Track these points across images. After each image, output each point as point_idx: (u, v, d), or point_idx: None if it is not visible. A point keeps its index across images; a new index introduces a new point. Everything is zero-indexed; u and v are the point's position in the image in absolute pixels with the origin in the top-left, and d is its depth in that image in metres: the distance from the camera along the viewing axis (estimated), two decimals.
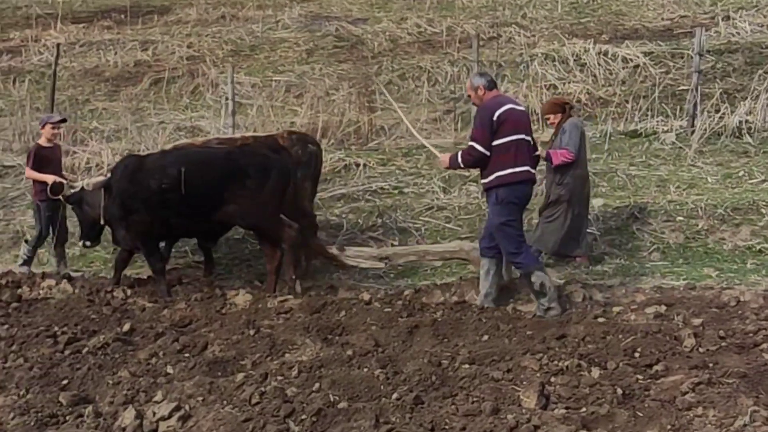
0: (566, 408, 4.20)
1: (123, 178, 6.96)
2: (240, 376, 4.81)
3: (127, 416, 4.35)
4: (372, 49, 13.74)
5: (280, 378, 4.83)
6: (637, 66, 11.77)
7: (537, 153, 6.35)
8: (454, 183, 9.22)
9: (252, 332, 5.66)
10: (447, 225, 8.34)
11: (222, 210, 6.78)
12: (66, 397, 4.61)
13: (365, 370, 4.86)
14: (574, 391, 4.37)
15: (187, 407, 4.41)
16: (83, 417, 4.43)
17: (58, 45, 13.47)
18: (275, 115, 11.12)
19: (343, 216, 8.67)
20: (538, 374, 4.65)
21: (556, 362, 4.80)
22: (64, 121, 8.52)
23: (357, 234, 8.30)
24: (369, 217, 8.59)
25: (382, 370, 4.79)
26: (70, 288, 6.99)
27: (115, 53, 15.93)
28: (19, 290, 6.96)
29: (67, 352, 5.41)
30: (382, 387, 4.58)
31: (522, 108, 6.27)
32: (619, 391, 4.31)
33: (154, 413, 4.37)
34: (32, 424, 4.35)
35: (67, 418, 4.45)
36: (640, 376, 4.54)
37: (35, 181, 7.80)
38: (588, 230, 7.53)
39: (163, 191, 6.72)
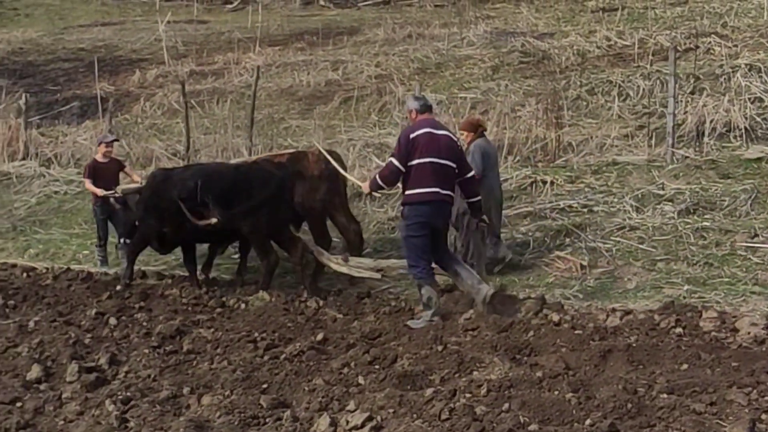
0: None
1: (148, 188, 8.08)
2: (429, 391, 4.84)
3: (322, 423, 4.50)
4: (559, 64, 13.47)
5: (468, 395, 4.81)
6: None
7: (471, 174, 6.77)
8: (648, 202, 8.79)
9: (440, 348, 5.70)
10: (640, 246, 7.95)
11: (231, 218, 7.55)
12: (266, 400, 4.85)
13: (556, 393, 4.73)
14: None
15: (379, 418, 4.50)
16: (281, 420, 4.63)
17: (258, 67, 14.30)
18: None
19: (530, 234, 8.53)
20: (746, 410, 4.32)
21: (767, 398, 4.44)
22: (116, 140, 9.94)
23: (544, 252, 8.13)
24: (557, 236, 8.39)
25: (574, 394, 4.65)
26: (267, 296, 7.37)
27: (308, 73, 16.73)
28: (224, 298, 7.44)
29: (266, 357, 5.70)
30: (574, 411, 4.44)
31: (443, 133, 6.67)
32: None
33: (348, 422, 4.49)
34: (236, 423, 4.61)
35: (267, 420, 4.67)
36: None
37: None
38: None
39: (182, 201, 7.58)
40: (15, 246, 10.64)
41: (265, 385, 5.20)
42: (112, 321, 6.75)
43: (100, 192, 8.87)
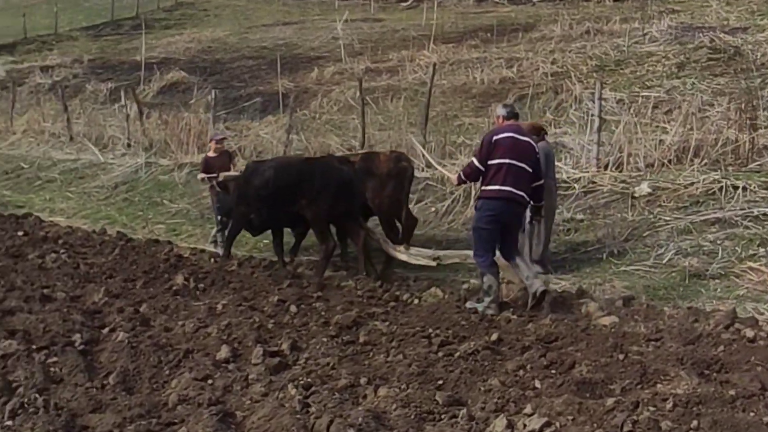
0: None
1: (240, 178, 9.11)
2: (610, 401, 4.65)
3: (499, 424, 4.43)
4: (754, 61, 12.57)
5: (652, 409, 4.57)
6: None
7: (541, 182, 7.22)
8: None
9: (620, 357, 5.46)
10: None
11: (298, 205, 8.37)
12: (442, 396, 4.85)
13: (751, 414, 4.40)
14: None
15: (557, 424, 4.38)
16: (457, 418, 4.61)
17: (434, 64, 14.40)
18: (642, 132, 10.69)
19: (718, 242, 8.02)
20: None
21: None
22: (224, 138, 11.40)
23: (734, 262, 7.61)
24: (748, 246, 7.84)
25: None
26: (441, 293, 7.41)
27: (482, 71, 16.67)
28: (398, 293, 7.56)
29: (440, 354, 5.70)
30: None
31: (525, 139, 7.08)
32: None
33: (525, 425, 4.40)
34: (412, 417, 4.64)
35: (443, 416, 4.66)
36: None
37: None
38: None
39: (259, 190, 8.62)
40: (203, 232, 11.38)
41: (440, 381, 5.21)
42: (293, 308, 7.03)
43: (201, 176, 10.33)
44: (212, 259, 9.33)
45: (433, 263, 8.06)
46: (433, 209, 10.53)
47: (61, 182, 15.01)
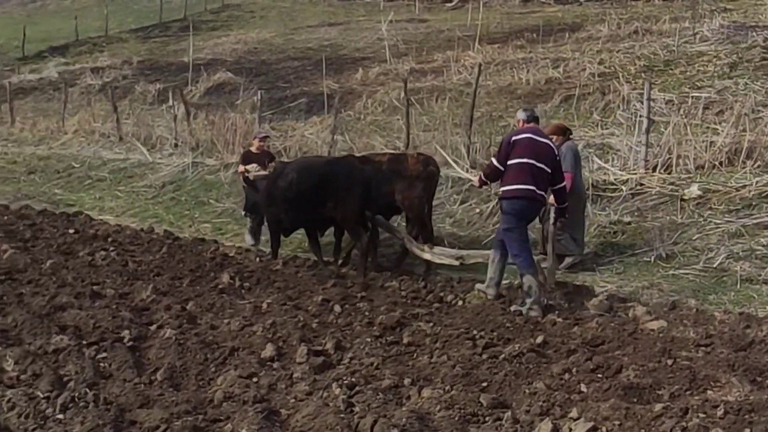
0: None
1: (269, 178, 9.27)
2: (658, 407, 4.57)
3: (544, 428, 4.39)
4: None
5: (702, 416, 4.49)
6: None
7: (563, 185, 7.35)
8: None
9: (669, 362, 5.37)
10: None
11: (325, 206, 8.57)
12: (486, 398, 4.81)
13: None
14: None
15: (604, 429, 4.33)
16: (501, 421, 4.57)
17: (480, 65, 14.33)
18: (693, 134, 10.48)
19: None
20: None
21: None
22: (267, 137, 11.29)
23: None
24: None
25: None
26: (484, 294, 7.35)
27: (527, 71, 16.53)
28: (441, 294, 7.55)
29: (484, 356, 5.67)
30: None
31: (544, 140, 7.23)
32: None
33: (570, 429, 4.36)
34: (456, 419, 4.62)
35: (487, 419, 4.63)
36: None
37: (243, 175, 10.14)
38: None
39: (284, 191, 8.80)
40: None
41: (484, 384, 5.18)
42: (337, 308, 7.05)
43: (240, 168, 10.28)
44: (257, 258, 9.40)
45: (456, 263, 8.17)
46: (477, 210, 10.47)
47: (111, 181, 15.29)
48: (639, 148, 10.46)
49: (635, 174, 10.03)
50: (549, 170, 7.16)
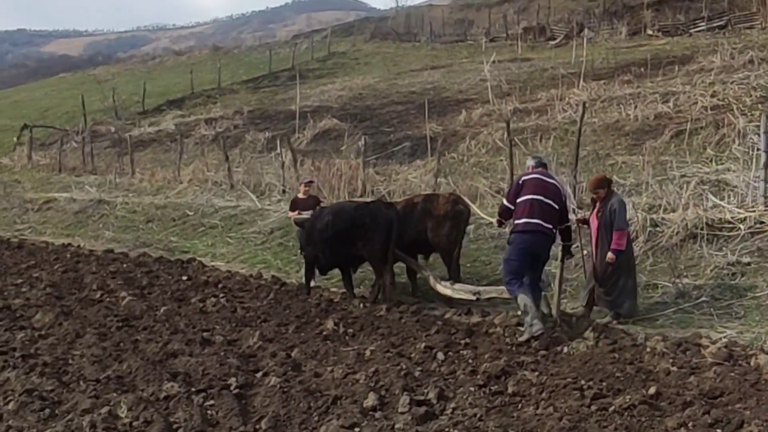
0: None
1: (309, 221, 10.36)
2: None
3: None
4: None
5: None
6: None
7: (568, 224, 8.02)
8: None
9: None
10: None
11: (355, 245, 9.54)
12: None
13: None
14: None
15: None
16: None
17: (584, 103, 14.07)
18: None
19: None
20: None
21: None
22: (311, 182, 12.15)
23: None
24: None
25: None
26: (593, 341, 7.09)
27: (635, 107, 16.12)
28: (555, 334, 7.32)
29: (593, 408, 5.43)
30: None
31: (551, 181, 7.91)
32: None
33: None
34: None
35: None
36: None
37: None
38: None
39: (320, 232, 9.78)
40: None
41: None
42: (440, 356, 6.95)
43: (291, 214, 11.50)
44: (361, 304, 9.46)
45: (473, 297, 8.68)
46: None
47: (222, 228, 15.80)
48: (757, 183, 9.94)
49: (754, 212, 9.52)
50: (557, 207, 7.73)
